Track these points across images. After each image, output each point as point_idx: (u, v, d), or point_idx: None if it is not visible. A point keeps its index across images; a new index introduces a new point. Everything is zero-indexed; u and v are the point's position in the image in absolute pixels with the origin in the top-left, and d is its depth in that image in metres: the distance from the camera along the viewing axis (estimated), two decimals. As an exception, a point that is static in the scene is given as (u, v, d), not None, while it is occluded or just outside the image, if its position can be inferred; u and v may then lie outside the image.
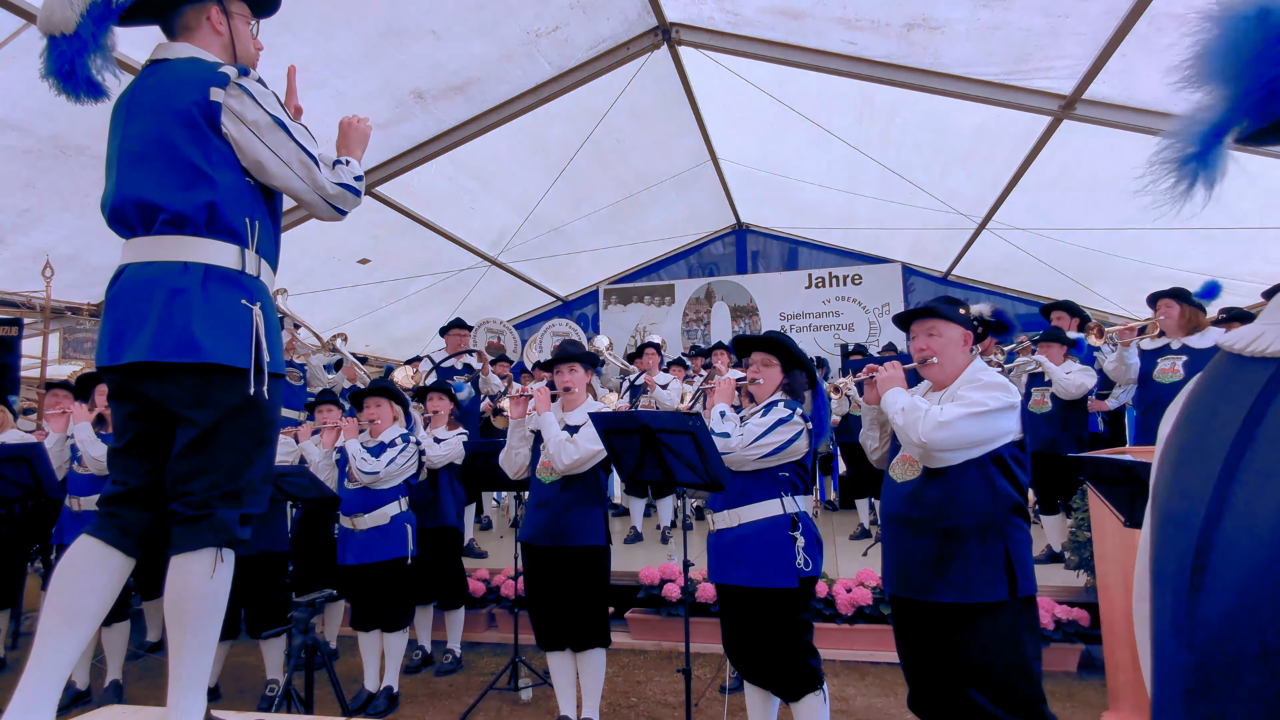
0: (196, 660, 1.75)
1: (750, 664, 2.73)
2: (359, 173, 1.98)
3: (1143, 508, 2.33)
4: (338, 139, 2.09)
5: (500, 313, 9.55)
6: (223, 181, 1.75)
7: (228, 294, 1.75)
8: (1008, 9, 4.13)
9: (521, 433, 3.51)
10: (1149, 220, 5.91)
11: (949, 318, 2.41)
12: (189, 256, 1.73)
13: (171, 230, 1.72)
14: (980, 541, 2.21)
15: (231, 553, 1.78)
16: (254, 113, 1.78)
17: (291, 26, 4.08)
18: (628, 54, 5.55)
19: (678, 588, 4.75)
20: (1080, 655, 4.24)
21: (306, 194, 1.86)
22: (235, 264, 1.77)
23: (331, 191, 1.89)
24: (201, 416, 1.71)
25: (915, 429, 2.25)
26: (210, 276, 1.73)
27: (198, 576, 1.70)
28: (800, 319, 9.94)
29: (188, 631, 1.72)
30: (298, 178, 1.83)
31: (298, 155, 1.83)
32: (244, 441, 1.77)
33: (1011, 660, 2.16)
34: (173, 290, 1.69)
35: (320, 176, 1.86)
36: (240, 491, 1.77)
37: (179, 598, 1.70)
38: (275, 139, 1.80)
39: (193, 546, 1.70)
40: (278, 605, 4.04)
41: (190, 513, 1.71)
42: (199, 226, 1.73)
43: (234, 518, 1.75)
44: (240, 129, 1.77)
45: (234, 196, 1.77)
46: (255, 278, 1.82)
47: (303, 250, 6.39)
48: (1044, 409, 5.05)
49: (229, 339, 1.72)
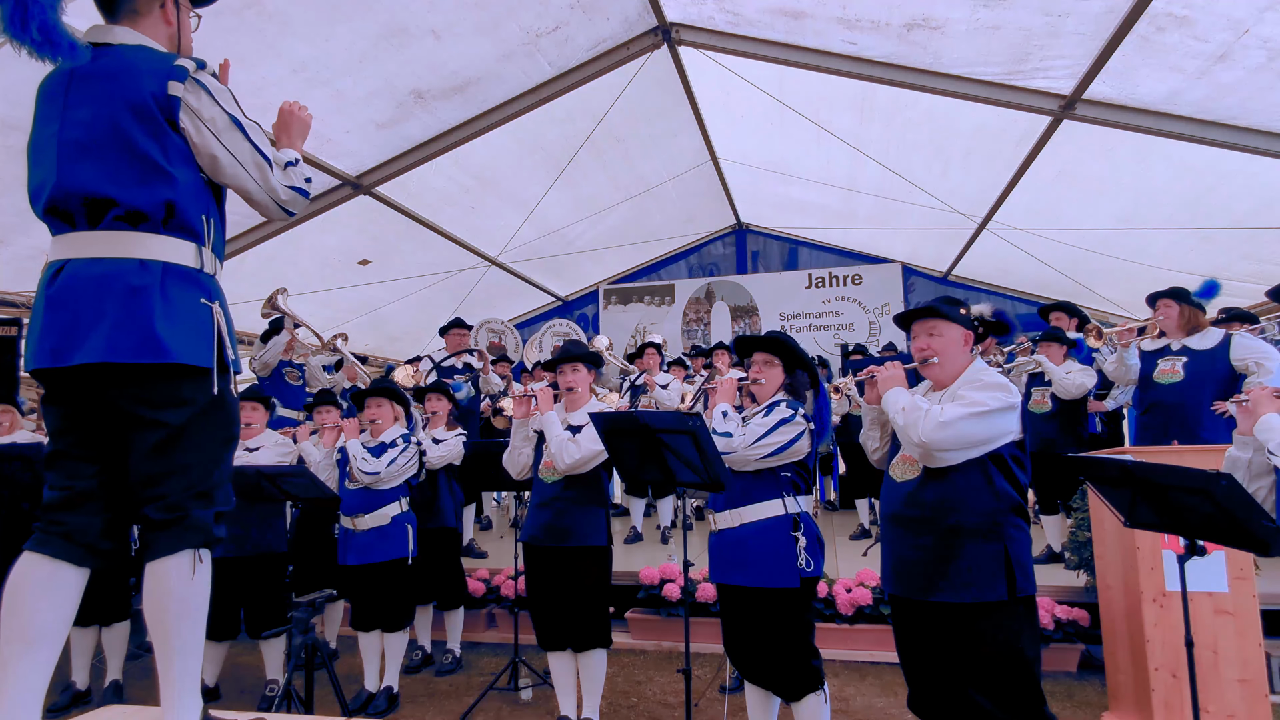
0: (186, 662, 1.71)
1: (751, 664, 2.73)
2: (308, 174, 1.93)
3: (1142, 508, 2.33)
4: (276, 126, 2.01)
5: (500, 313, 9.55)
6: (181, 178, 1.70)
7: (187, 293, 1.70)
8: (1007, 9, 4.13)
9: (524, 432, 3.51)
10: (1149, 220, 5.93)
11: (950, 318, 2.41)
12: (146, 254, 1.66)
13: (125, 226, 1.66)
14: (980, 541, 2.21)
15: (209, 553, 1.76)
16: (211, 110, 1.72)
17: (291, 26, 4.08)
18: (628, 54, 5.56)
19: (678, 588, 4.75)
20: (1080, 655, 4.24)
21: (258, 195, 1.81)
22: (193, 262, 1.73)
23: (284, 195, 1.84)
24: (171, 417, 1.67)
25: (916, 429, 2.25)
26: (169, 275, 1.68)
27: (177, 579, 1.67)
28: (800, 319, 9.94)
29: (173, 635, 1.69)
30: (251, 179, 1.78)
31: (253, 156, 1.78)
32: (212, 440, 1.74)
33: (1011, 660, 2.16)
34: (132, 289, 1.63)
35: (274, 179, 1.81)
36: (212, 490, 1.74)
37: (160, 602, 1.67)
38: (231, 138, 1.75)
39: (170, 550, 1.66)
40: (278, 605, 4.04)
41: (164, 516, 1.67)
42: (156, 223, 1.67)
43: (209, 517, 1.73)
44: (197, 126, 1.71)
45: (192, 194, 1.72)
46: (212, 276, 1.79)
47: (303, 250, 6.40)
48: (1044, 409, 5.05)
49: (192, 338, 1.68)
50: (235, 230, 5.81)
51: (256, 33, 4.03)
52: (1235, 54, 3.90)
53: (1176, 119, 4.62)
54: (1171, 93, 4.41)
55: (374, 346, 8.93)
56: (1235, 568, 3.02)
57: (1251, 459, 2.29)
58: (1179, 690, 2.94)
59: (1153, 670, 3.03)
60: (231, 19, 3.88)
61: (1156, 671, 3.03)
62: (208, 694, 3.94)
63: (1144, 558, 3.12)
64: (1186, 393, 4.26)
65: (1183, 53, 4.01)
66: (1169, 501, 2.20)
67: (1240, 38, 3.77)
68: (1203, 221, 5.63)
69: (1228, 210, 5.42)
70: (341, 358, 6.25)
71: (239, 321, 7.81)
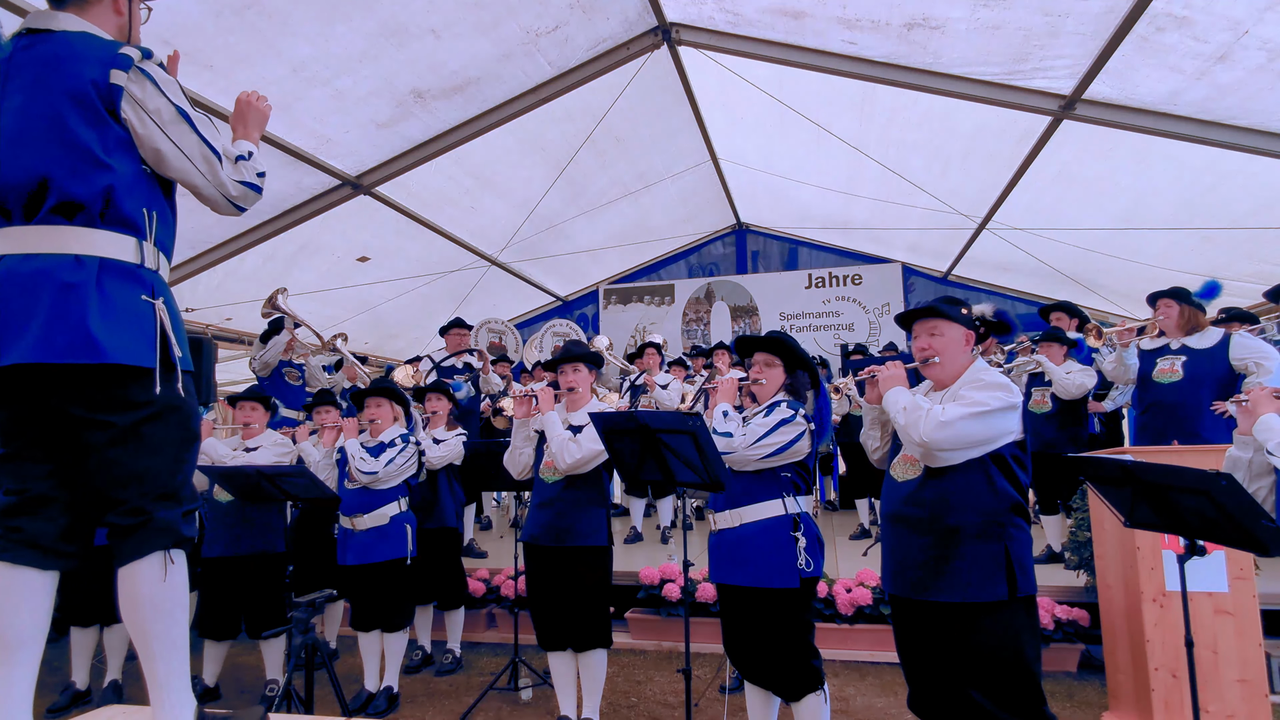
0: (170, 663, 1.67)
1: (751, 664, 2.73)
2: (261, 169, 1.85)
3: (1142, 508, 2.33)
4: (233, 116, 1.93)
5: (500, 313, 9.55)
6: (120, 170, 1.63)
7: (126, 289, 1.63)
8: (1007, 9, 4.13)
9: (525, 432, 3.51)
10: (1149, 220, 5.93)
11: (951, 317, 2.41)
12: (82, 249, 1.59)
13: (60, 220, 1.59)
14: (980, 541, 2.21)
15: (182, 553, 1.69)
16: (156, 101, 1.65)
17: (291, 25, 4.08)
18: (628, 54, 5.55)
19: (678, 588, 4.75)
20: (1080, 655, 4.24)
21: (207, 189, 1.75)
22: (133, 257, 1.65)
23: (234, 191, 1.77)
24: (117, 419, 1.61)
25: (917, 428, 2.25)
26: (106, 271, 1.61)
27: (149, 583, 1.62)
28: (800, 319, 9.94)
29: (152, 638, 1.64)
30: (199, 173, 1.71)
31: (200, 149, 1.70)
32: (169, 442, 1.68)
33: (1011, 660, 2.16)
34: (64, 285, 1.56)
35: (223, 174, 1.74)
36: (177, 490, 1.69)
37: (136, 607, 1.63)
38: (178, 131, 1.68)
39: (139, 554, 1.62)
40: (277, 605, 4.04)
41: (128, 521, 1.62)
42: (93, 216, 1.60)
43: (175, 517, 1.68)
44: (141, 117, 1.65)
45: (132, 186, 1.65)
46: (155, 271, 1.71)
47: (302, 250, 6.39)
48: (1044, 409, 5.05)
49: (131, 337, 1.61)
50: (235, 230, 5.81)
51: (256, 32, 4.03)
52: (1235, 54, 3.90)
53: (1176, 119, 4.62)
54: (1171, 93, 4.41)
55: (374, 346, 8.92)
56: (1235, 568, 3.02)
57: (1252, 459, 2.29)
58: (1179, 690, 2.94)
59: (1153, 670, 3.04)
60: (232, 18, 3.88)
61: (1156, 671, 3.03)
62: (208, 694, 3.94)
63: (1144, 558, 3.12)
64: (1185, 392, 4.27)
65: (1182, 53, 4.01)
66: (1169, 501, 2.20)
67: (1240, 38, 3.78)
68: (1203, 221, 5.63)
69: (1228, 210, 5.42)
70: (341, 358, 6.25)
71: (239, 321, 7.82)
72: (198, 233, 5.65)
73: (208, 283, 6.14)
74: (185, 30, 3.81)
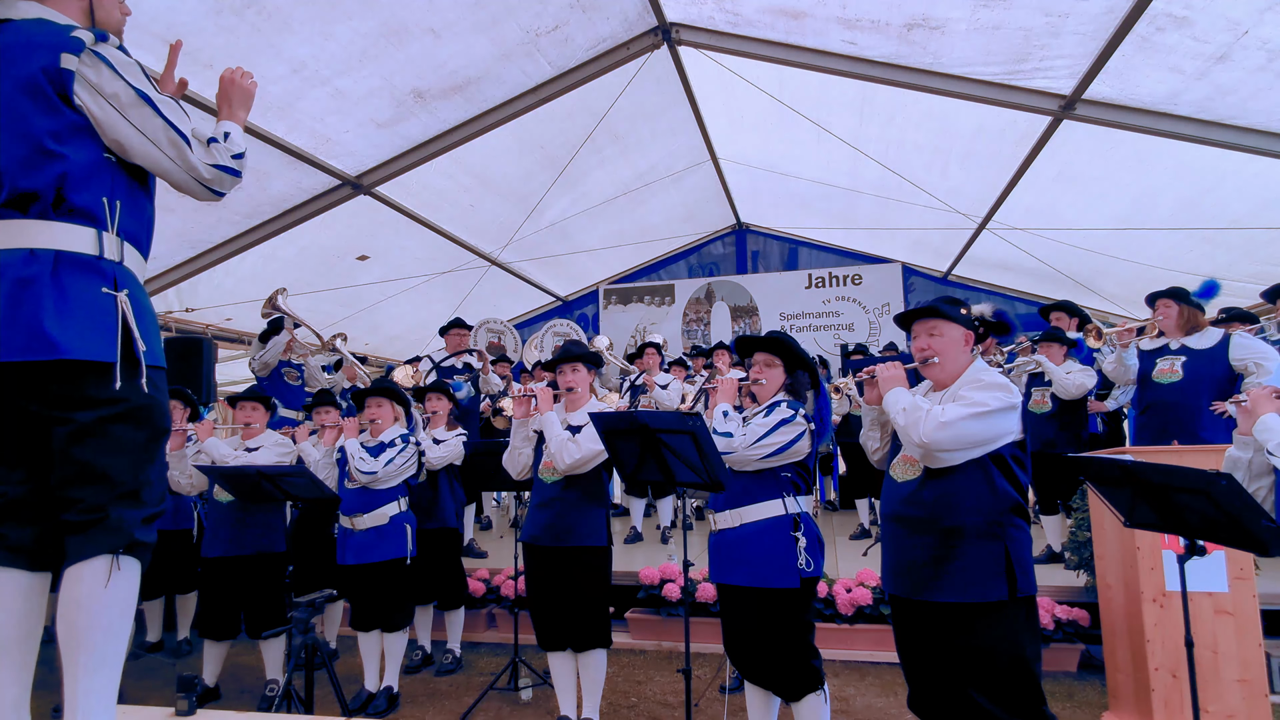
0: (93, 681, 1.51)
1: (751, 664, 2.73)
2: (238, 149, 1.77)
3: (1142, 508, 2.33)
4: (217, 97, 1.87)
5: (500, 312, 9.55)
6: (74, 158, 1.57)
7: (85, 282, 1.56)
8: (1008, 9, 4.13)
9: (525, 433, 3.50)
10: (1149, 220, 5.93)
11: (950, 317, 2.41)
12: (35, 242, 1.54)
13: (14, 214, 1.54)
14: (980, 541, 2.21)
15: (133, 561, 1.59)
16: (113, 84, 1.58)
17: (291, 25, 4.08)
18: (628, 54, 5.55)
19: (678, 588, 4.75)
20: (1080, 655, 4.24)
21: (177, 174, 1.68)
22: (91, 249, 1.59)
23: (206, 175, 1.69)
24: (79, 416, 1.55)
25: (917, 429, 2.25)
26: (63, 263, 1.55)
27: (89, 587, 1.50)
28: (800, 319, 9.94)
29: (80, 650, 1.50)
30: (166, 158, 1.64)
31: (165, 133, 1.63)
32: (133, 440, 1.61)
33: (1011, 660, 2.16)
34: (18, 280, 1.51)
35: (192, 157, 1.67)
36: (139, 489, 1.60)
37: (70, 612, 1.50)
38: (139, 115, 1.61)
39: (83, 554, 1.52)
40: (277, 605, 4.04)
41: (80, 518, 1.54)
42: (45, 208, 1.55)
43: (132, 519, 1.58)
44: (98, 102, 1.58)
45: (88, 174, 1.59)
46: (117, 263, 1.63)
47: (302, 250, 6.39)
48: (1044, 409, 5.05)
49: (88, 332, 1.54)
50: (235, 230, 5.81)
51: (256, 32, 4.03)
52: (1235, 54, 3.90)
53: (1176, 119, 4.62)
54: (1171, 93, 4.41)
55: (373, 346, 8.92)
56: (1235, 568, 3.02)
57: (1251, 459, 2.29)
58: (1179, 690, 2.94)
59: (1153, 670, 3.04)
60: (231, 18, 3.88)
61: (1156, 671, 3.03)
62: (208, 694, 3.94)
63: (1144, 558, 3.12)
64: (1185, 392, 4.27)
65: (1182, 53, 4.02)
66: (1169, 501, 2.20)
67: (1240, 38, 3.78)
68: (1203, 221, 5.64)
69: (1228, 210, 5.42)
70: (341, 358, 6.25)
71: (239, 321, 7.82)
72: (198, 233, 5.65)
73: (208, 283, 6.15)
74: (185, 30, 3.80)
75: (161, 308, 6.07)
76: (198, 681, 3.83)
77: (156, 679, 4.41)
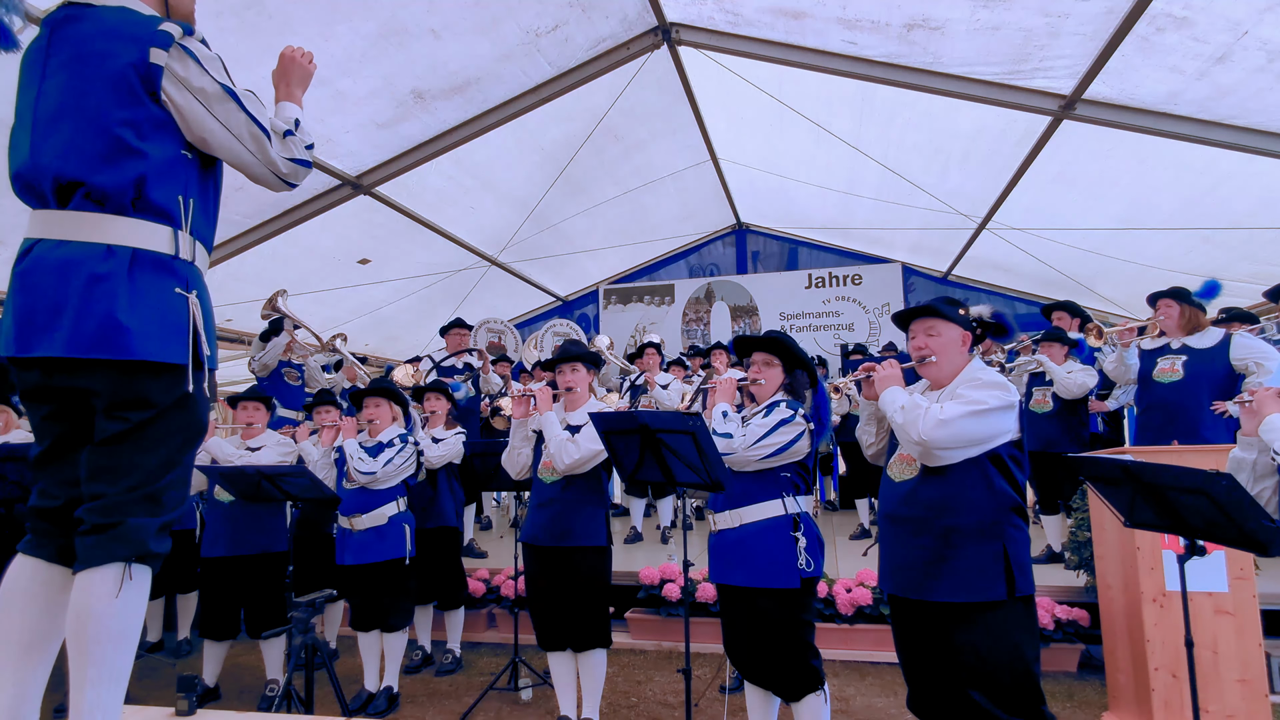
0: (100, 694, 1.48)
1: (751, 664, 2.73)
2: (310, 140, 1.79)
3: (1142, 508, 2.33)
4: (275, 73, 1.85)
5: (500, 313, 9.55)
6: (155, 155, 1.55)
7: (159, 281, 1.56)
8: (1007, 9, 4.13)
9: (524, 433, 3.50)
10: (1149, 220, 5.93)
11: (948, 317, 2.41)
12: (113, 238, 1.52)
13: (92, 207, 1.52)
14: (979, 541, 2.21)
15: (145, 570, 1.55)
16: (200, 79, 1.58)
17: (292, 25, 4.08)
18: (628, 54, 5.55)
19: (678, 588, 4.75)
20: (1080, 655, 4.24)
21: (257, 168, 1.69)
22: (167, 248, 1.58)
23: (284, 169, 1.72)
24: (134, 416, 1.53)
25: (915, 427, 2.25)
26: (139, 262, 1.53)
27: (99, 597, 1.47)
28: (800, 319, 9.94)
29: (90, 662, 1.46)
30: (249, 152, 1.66)
31: (249, 128, 1.64)
32: (172, 441, 1.59)
33: (1010, 660, 2.16)
34: (94, 276, 1.49)
35: (273, 151, 1.68)
36: (160, 493, 1.57)
37: (79, 621, 1.47)
38: (224, 109, 1.60)
39: (97, 561, 1.48)
40: (277, 605, 4.04)
41: (97, 520, 1.50)
42: (124, 204, 1.53)
43: (149, 527, 1.54)
44: (185, 97, 1.57)
45: (167, 171, 1.58)
46: (190, 263, 1.64)
47: (302, 250, 6.39)
48: (1045, 408, 5.05)
49: (162, 332, 1.54)
50: (235, 230, 5.81)
51: (257, 32, 4.04)
52: (1235, 55, 3.90)
53: (1176, 119, 4.62)
54: (1171, 93, 4.41)
55: (374, 346, 8.92)
56: (1235, 568, 3.02)
57: (1256, 460, 2.28)
58: (1179, 690, 2.94)
59: (1153, 670, 3.04)
60: (231, 19, 3.89)
61: (1156, 671, 3.03)
62: (208, 694, 3.94)
63: (1144, 558, 3.12)
64: (1185, 392, 4.27)
65: (1182, 53, 4.01)
66: (1169, 501, 2.20)
67: (1240, 39, 3.77)
68: (1203, 221, 5.63)
69: (1228, 210, 5.41)
70: (341, 358, 6.25)
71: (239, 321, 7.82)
72: (198, 233, 5.64)
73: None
74: (185, 30, 3.81)
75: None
76: (198, 681, 3.83)
77: (156, 679, 4.41)
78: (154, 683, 4.34)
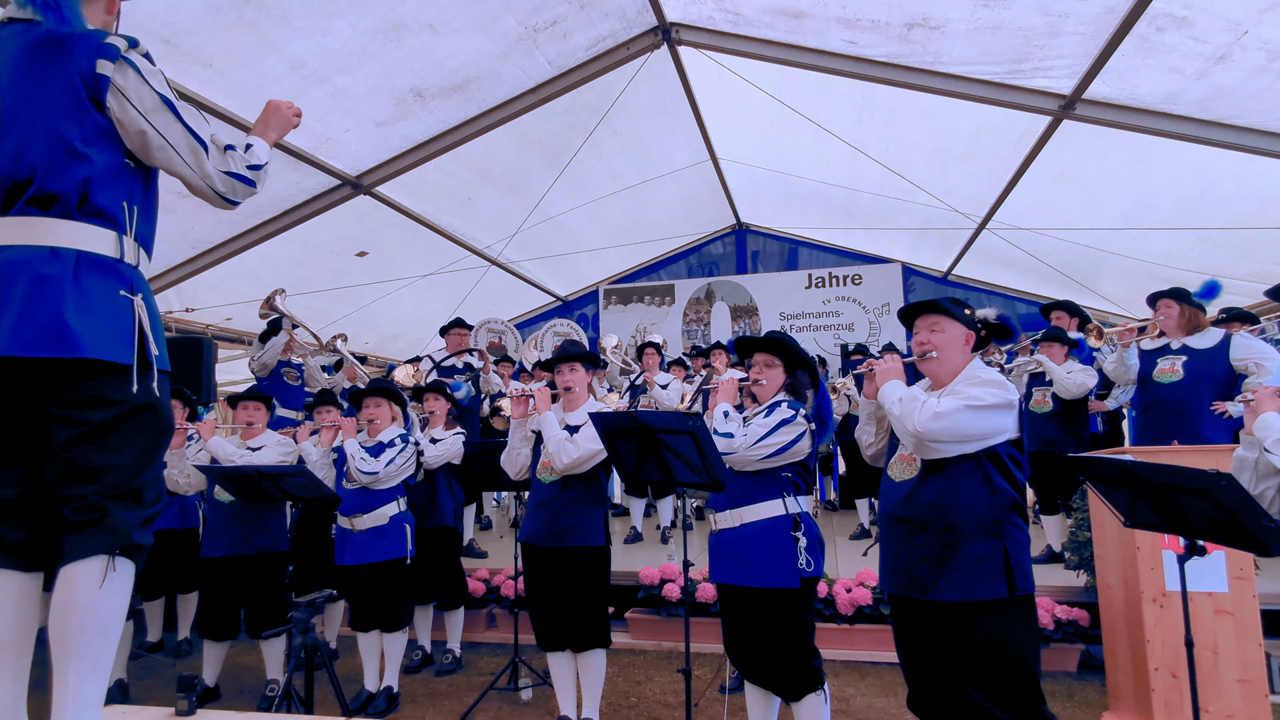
0: (83, 686, 1.49)
1: (751, 664, 2.73)
2: (257, 161, 1.79)
3: (1142, 508, 2.33)
4: (257, 120, 1.92)
5: (500, 312, 9.55)
6: (99, 161, 1.59)
7: (104, 284, 1.58)
8: (1007, 9, 4.13)
9: (523, 433, 3.50)
10: (1149, 220, 5.93)
11: (953, 315, 2.41)
12: (58, 241, 1.55)
13: (36, 211, 1.55)
14: (978, 540, 2.21)
15: (129, 563, 1.57)
16: (140, 89, 1.62)
17: (290, 20, 4.07)
18: (627, 54, 5.55)
19: (678, 588, 4.74)
20: (1080, 655, 4.24)
21: (194, 180, 1.71)
22: (112, 251, 1.61)
23: (220, 185, 1.72)
24: (93, 416, 1.55)
25: (911, 418, 2.25)
26: (84, 264, 1.56)
27: (83, 588, 1.48)
28: (800, 319, 9.94)
29: (73, 655, 1.48)
30: (184, 162, 1.68)
31: (186, 140, 1.67)
32: (139, 440, 1.62)
33: (1010, 659, 2.16)
34: (38, 276, 1.51)
35: (208, 165, 1.69)
36: (140, 490, 1.61)
37: (62, 613, 1.48)
38: (162, 119, 1.64)
39: (80, 553, 1.50)
40: (278, 605, 4.03)
41: (79, 518, 1.53)
42: (70, 208, 1.56)
43: (132, 520, 1.58)
44: (124, 106, 1.61)
45: (111, 177, 1.61)
46: (134, 267, 1.67)
47: (302, 250, 6.39)
48: (1045, 408, 5.05)
49: (108, 333, 1.56)
50: (235, 230, 5.81)
51: (255, 29, 4.03)
52: (1235, 55, 3.90)
53: (1176, 119, 4.62)
54: (1171, 93, 4.40)
55: (374, 346, 8.92)
56: (1235, 568, 3.02)
57: (1258, 459, 2.28)
58: (1179, 690, 2.94)
59: (1153, 670, 3.03)
60: (230, 15, 3.88)
61: (1156, 671, 3.03)
62: (208, 694, 3.94)
63: (1144, 558, 3.12)
64: (1185, 392, 4.27)
65: (1182, 53, 4.01)
66: (1169, 501, 2.20)
67: (1240, 39, 3.77)
68: (1203, 221, 5.63)
69: (1228, 210, 5.41)
70: (341, 358, 6.25)
71: (239, 321, 7.82)
72: (198, 232, 5.64)
73: (208, 283, 6.14)
74: (184, 28, 3.80)
75: (162, 308, 6.06)
76: (198, 681, 3.84)
77: (156, 679, 4.41)
78: (154, 683, 4.33)
